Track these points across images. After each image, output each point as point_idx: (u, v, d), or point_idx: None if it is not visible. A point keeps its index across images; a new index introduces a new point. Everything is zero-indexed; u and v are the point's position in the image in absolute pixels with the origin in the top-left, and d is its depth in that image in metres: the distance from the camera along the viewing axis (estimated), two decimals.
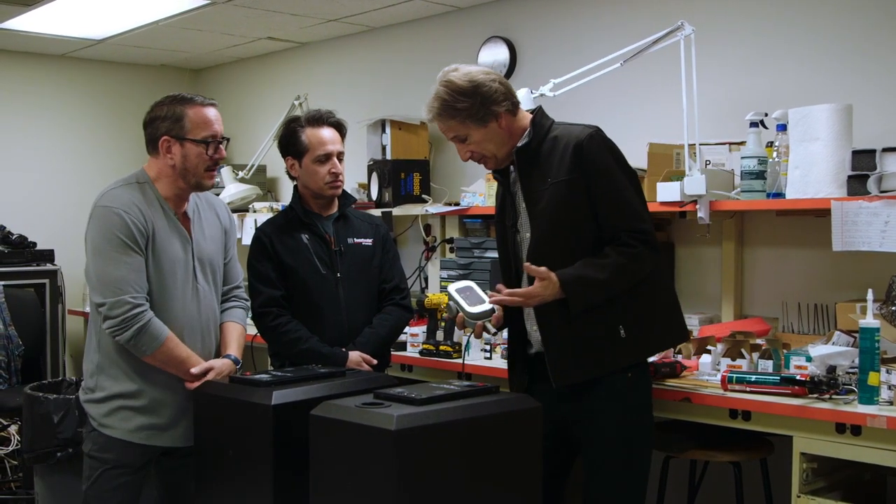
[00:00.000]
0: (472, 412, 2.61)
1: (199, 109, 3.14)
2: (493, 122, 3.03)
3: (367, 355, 3.59)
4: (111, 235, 3.02)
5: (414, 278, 5.07)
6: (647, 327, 3.04)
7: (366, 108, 5.72)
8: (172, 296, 3.12)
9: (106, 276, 3.01)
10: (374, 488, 2.45)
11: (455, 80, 3.03)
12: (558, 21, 4.92)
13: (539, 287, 2.94)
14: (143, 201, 3.10)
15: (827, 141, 3.40)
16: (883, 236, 3.23)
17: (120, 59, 6.94)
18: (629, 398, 3.04)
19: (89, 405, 3.15)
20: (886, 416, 2.82)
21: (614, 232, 2.97)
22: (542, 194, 3.02)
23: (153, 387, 3.11)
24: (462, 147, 3.10)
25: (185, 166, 3.12)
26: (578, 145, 2.97)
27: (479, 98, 3.00)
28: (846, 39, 3.86)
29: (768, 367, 3.27)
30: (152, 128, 3.15)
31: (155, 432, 3.13)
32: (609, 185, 2.98)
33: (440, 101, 3.04)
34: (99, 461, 3.12)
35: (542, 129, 3.09)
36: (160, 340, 3.04)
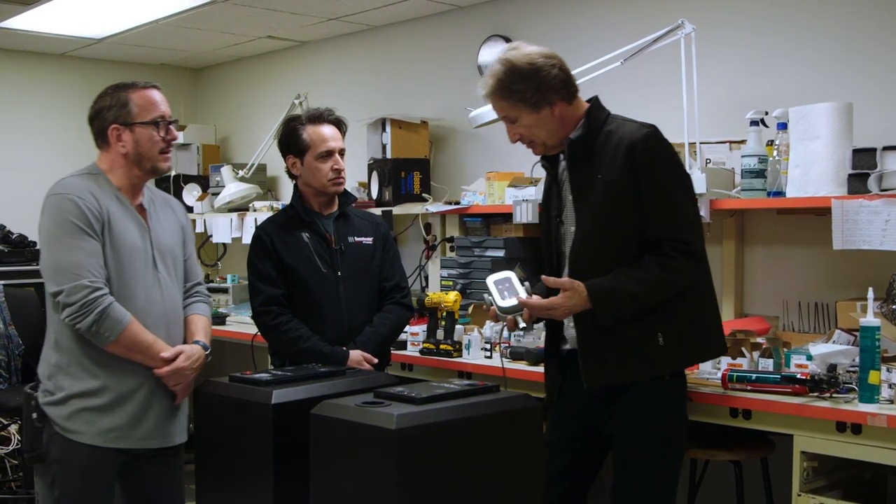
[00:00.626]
0: (473, 411, 2.61)
1: (143, 92, 3.08)
2: (546, 109, 2.96)
3: (368, 354, 3.59)
4: (64, 221, 2.93)
5: (414, 277, 5.07)
6: (687, 337, 2.98)
7: (366, 106, 5.71)
8: (133, 284, 3.03)
9: (61, 263, 2.92)
10: (375, 487, 2.44)
11: (514, 61, 2.95)
12: (558, 20, 4.91)
13: (562, 298, 2.88)
14: (97, 189, 3.02)
15: (827, 139, 3.39)
16: (883, 235, 3.23)
17: (120, 58, 6.93)
18: (664, 403, 2.99)
19: (50, 408, 3.02)
20: (887, 415, 2.81)
21: (658, 240, 2.90)
22: (591, 190, 2.95)
23: (116, 381, 3.00)
24: (511, 128, 3.04)
25: (138, 151, 3.05)
26: (632, 145, 2.90)
27: (536, 82, 2.93)
28: (846, 38, 3.86)
29: (769, 366, 3.27)
30: (99, 119, 3.08)
31: (122, 433, 3.01)
32: (659, 189, 2.90)
33: (496, 79, 2.97)
34: (69, 468, 2.99)
35: (596, 122, 3.01)
36: (123, 324, 2.93)
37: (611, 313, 2.88)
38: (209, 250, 6.70)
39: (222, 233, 6.09)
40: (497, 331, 4.16)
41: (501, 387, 2.92)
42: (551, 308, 2.91)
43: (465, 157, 5.39)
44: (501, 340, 3.82)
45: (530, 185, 4.38)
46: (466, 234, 4.85)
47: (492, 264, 4.51)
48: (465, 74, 5.30)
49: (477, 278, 4.57)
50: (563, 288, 2.88)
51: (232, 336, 5.25)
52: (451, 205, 4.86)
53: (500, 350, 3.89)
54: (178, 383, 3.10)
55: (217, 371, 3.24)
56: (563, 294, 2.89)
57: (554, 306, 2.91)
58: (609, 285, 2.88)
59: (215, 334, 5.29)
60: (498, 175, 4.65)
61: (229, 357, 5.94)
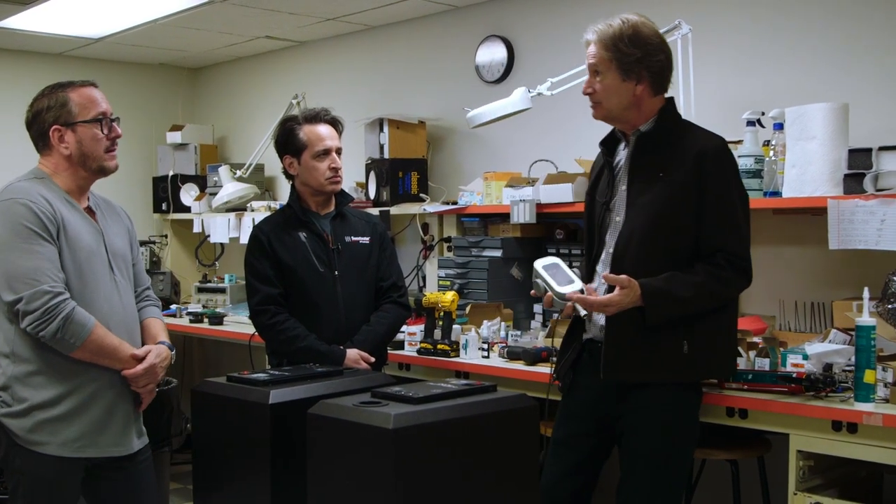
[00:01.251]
0: (470, 411, 2.61)
1: (82, 90, 2.97)
2: (632, 82, 2.97)
3: (365, 353, 3.60)
4: (18, 227, 2.79)
5: (412, 277, 5.08)
6: (710, 350, 3.01)
7: (364, 106, 5.72)
8: (93, 287, 2.91)
9: (17, 270, 2.77)
10: (372, 487, 2.45)
11: (637, 26, 2.96)
12: (556, 20, 4.92)
13: (619, 295, 2.89)
14: (48, 193, 2.89)
15: (823, 140, 3.40)
16: (879, 234, 3.24)
17: (118, 57, 6.93)
18: (678, 406, 3.02)
19: (9, 420, 2.84)
20: (882, 414, 2.83)
21: (711, 249, 2.93)
22: (650, 186, 2.97)
23: (78, 388, 2.88)
24: (591, 80, 3.03)
25: (82, 152, 2.94)
26: (704, 151, 2.93)
27: (641, 54, 2.94)
28: (842, 38, 3.87)
29: (765, 366, 3.28)
30: (38, 122, 2.96)
31: (86, 442, 2.89)
32: (722, 200, 2.93)
33: (611, 30, 2.96)
34: (34, 481, 2.85)
35: (668, 121, 3.04)
36: (88, 328, 2.80)
37: (660, 314, 2.91)
38: (207, 250, 6.71)
39: (220, 233, 6.10)
40: (494, 330, 4.17)
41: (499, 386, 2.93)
42: (608, 305, 2.92)
43: (462, 158, 5.40)
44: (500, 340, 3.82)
45: (527, 185, 4.39)
46: (464, 234, 4.86)
47: (489, 265, 4.52)
48: (463, 75, 5.32)
49: (474, 278, 4.58)
50: (620, 285, 2.89)
51: (230, 336, 5.26)
52: (448, 205, 4.87)
53: (498, 350, 3.91)
54: (147, 383, 3.00)
55: (215, 371, 3.24)
56: (619, 291, 2.90)
57: (611, 303, 2.92)
58: (663, 287, 2.90)
59: (214, 334, 5.37)
60: (495, 175, 4.66)
61: (227, 357, 5.96)
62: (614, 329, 2.98)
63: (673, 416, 3.01)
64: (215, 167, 6.40)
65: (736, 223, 2.96)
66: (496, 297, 4.52)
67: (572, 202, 4.17)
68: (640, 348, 2.97)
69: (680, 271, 2.93)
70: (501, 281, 4.57)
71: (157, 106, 7.16)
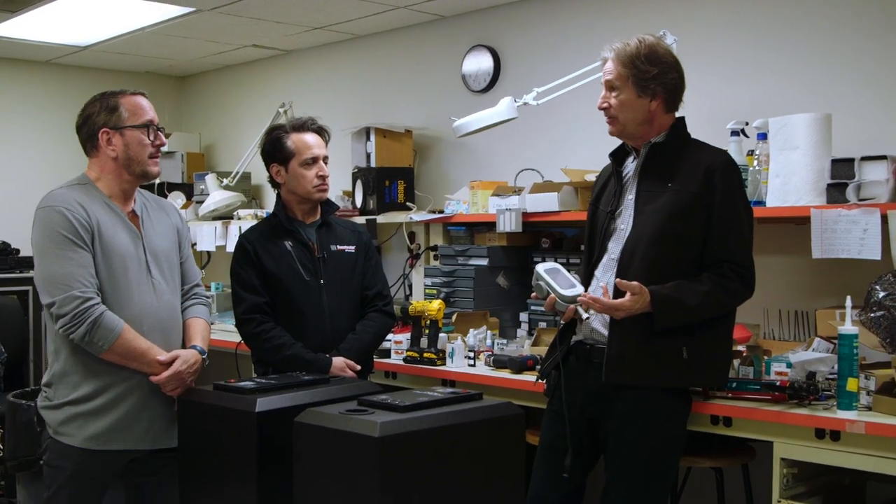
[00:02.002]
0: (456, 419, 2.63)
1: (132, 98, 3.13)
2: (647, 98, 3.05)
3: (351, 361, 3.61)
4: (53, 234, 2.97)
5: (398, 286, 5.09)
6: (708, 358, 3.05)
7: (350, 115, 5.73)
8: (127, 290, 3.06)
9: (52, 275, 2.96)
10: (358, 495, 2.46)
11: (654, 45, 3.06)
12: (542, 30, 4.94)
13: (629, 301, 2.94)
14: (86, 199, 3.05)
15: (806, 150, 3.43)
16: (862, 244, 3.26)
17: (105, 66, 6.93)
18: (665, 412, 3.04)
19: (46, 412, 3.08)
20: (865, 422, 2.85)
21: (718, 260, 2.99)
22: (658, 195, 3.03)
23: (110, 386, 3.04)
24: (607, 94, 3.10)
25: (127, 155, 3.09)
26: (713, 165, 3.01)
27: (657, 71, 3.03)
28: (826, 49, 3.90)
29: (749, 374, 3.29)
30: (88, 125, 3.12)
31: (112, 436, 3.04)
32: (729, 212, 2.99)
33: (629, 48, 3.05)
34: (58, 470, 3.05)
35: (679, 136, 3.12)
36: (116, 332, 2.96)
37: (668, 321, 2.95)
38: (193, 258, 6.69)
39: (206, 241, 6.09)
40: (480, 339, 4.18)
41: (485, 395, 2.94)
42: (618, 309, 2.96)
43: (448, 167, 5.41)
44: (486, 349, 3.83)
45: (513, 193, 4.41)
46: (450, 243, 4.87)
47: (475, 273, 4.53)
48: (450, 84, 5.33)
49: (460, 287, 4.59)
50: (632, 291, 2.94)
51: (216, 344, 5.19)
52: (435, 213, 4.89)
53: (484, 358, 3.92)
54: (175, 388, 3.11)
55: (201, 379, 3.24)
56: (630, 297, 2.94)
57: (622, 307, 2.96)
58: (672, 295, 2.95)
59: None
60: (481, 184, 4.67)
61: (213, 365, 5.94)
62: (618, 332, 3.01)
63: (660, 422, 3.03)
64: (202, 175, 6.39)
65: (741, 236, 3.02)
66: (482, 305, 4.53)
67: (558, 211, 4.19)
68: (642, 352, 3.00)
69: (687, 280, 2.98)
70: (487, 289, 4.58)
71: None
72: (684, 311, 2.95)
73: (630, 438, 3.03)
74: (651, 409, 3.01)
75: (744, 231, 3.03)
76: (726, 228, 2.99)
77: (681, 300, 2.94)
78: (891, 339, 3.13)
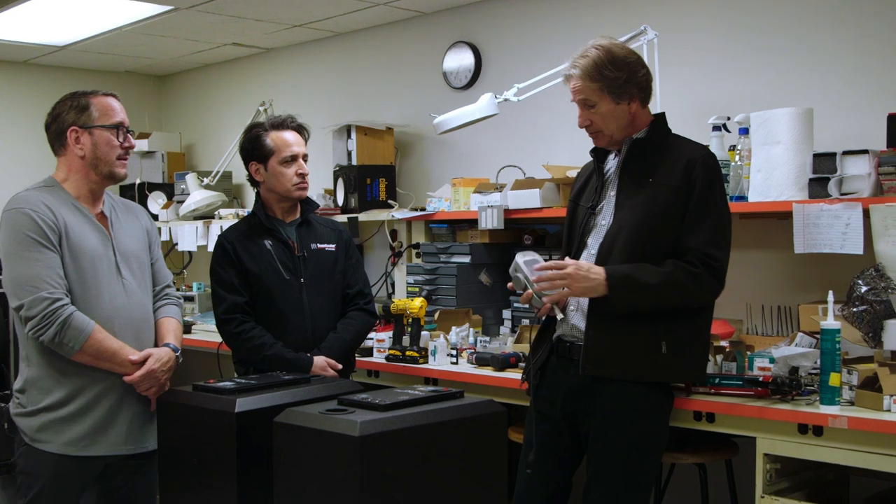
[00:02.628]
0: (436, 417, 2.60)
1: (103, 99, 3.11)
2: (625, 103, 3.04)
3: (332, 360, 3.58)
4: (20, 236, 2.94)
5: (380, 284, 5.06)
6: (686, 353, 3.03)
7: (331, 113, 5.71)
8: (97, 291, 3.03)
9: (20, 277, 2.93)
10: (339, 494, 2.43)
11: (612, 49, 3.03)
12: (523, 26, 4.93)
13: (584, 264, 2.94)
14: (53, 201, 3.02)
15: (788, 144, 3.43)
16: (844, 238, 3.26)
17: (83, 65, 6.88)
18: (647, 408, 3.02)
19: (20, 419, 3.04)
20: (847, 417, 2.84)
21: (685, 248, 2.97)
22: (639, 190, 3.02)
23: (83, 390, 3.01)
24: (585, 113, 3.08)
25: (95, 155, 3.07)
26: (694, 159, 3.00)
27: (627, 74, 3.01)
28: (807, 44, 3.89)
29: (732, 369, 3.29)
30: (57, 123, 3.09)
31: (88, 442, 3.02)
32: (704, 205, 2.98)
33: (591, 61, 3.01)
34: (34, 478, 3.01)
35: (660, 131, 3.12)
36: (86, 332, 2.93)
37: (624, 299, 2.93)
38: (175, 258, 6.66)
39: (188, 241, 6.05)
40: (463, 336, 4.16)
41: (466, 392, 2.92)
42: (564, 267, 2.95)
43: (430, 164, 5.39)
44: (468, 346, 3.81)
45: (495, 190, 4.39)
46: (432, 241, 4.85)
47: (457, 271, 4.51)
48: (431, 81, 5.31)
49: (443, 284, 4.57)
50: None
51: (198, 345, 5.21)
52: (416, 211, 4.86)
53: (467, 356, 3.91)
54: (149, 388, 3.09)
55: (184, 380, 3.22)
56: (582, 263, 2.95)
57: (567, 265, 2.95)
58: (627, 273, 2.93)
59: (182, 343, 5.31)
60: (463, 181, 4.65)
61: (196, 366, 5.91)
62: (595, 324, 3.00)
63: (641, 418, 3.01)
64: (183, 175, 6.35)
65: (715, 228, 2.99)
66: (465, 303, 4.51)
67: (540, 208, 4.17)
68: (619, 346, 2.99)
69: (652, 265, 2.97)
70: (470, 287, 4.57)
71: None
72: (642, 291, 2.92)
73: (611, 435, 3.02)
74: (632, 406, 3.00)
75: (716, 224, 2.99)
76: (698, 219, 2.97)
77: (638, 279, 2.92)
78: (873, 333, 3.13)
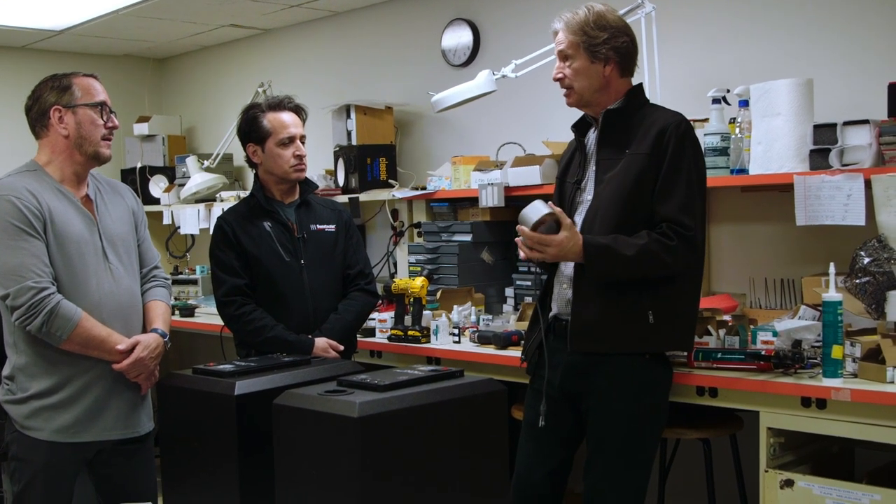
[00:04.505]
0: (436, 397, 2.60)
1: (84, 79, 3.09)
2: (600, 64, 3.05)
3: (334, 341, 3.57)
4: (4, 224, 2.90)
5: (382, 264, 5.05)
6: (674, 322, 3.03)
7: (330, 93, 5.68)
8: (84, 278, 3.00)
9: (4, 266, 2.89)
10: (339, 475, 2.43)
11: (601, 11, 3.08)
12: (520, 3, 4.89)
13: (562, 237, 2.92)
14: (37, 186, 2.98)
15: (788, 116, 3.39)
16: (846, 209, 3.23)
17: (81, 49, 6.85)
18: (645, 381, 3.02)
19: (10, 406, 3.03)
20: (850, 389, 2.83)
21: (659, 219, 2.96)
22: (616, 162, 3.03)
23: (73, 377, 3.00)
24: (561, 66, 3.12)
25: (80, 133, 3.04)
26: (665, 127, 2.98)
27: (606, 36, 3.03)
28: (807, 14, 3.85)
29: (735, 344, 3.27)
30: (39, 104, 3.06)
31: (80, 428, 3.01)
32: (673, 173, 2.96)
33: (576, 17, 3.07)
34: (27, 464, 3.01)
35: (635, 102, 3.11)
36: (74, 321, 2.91)
37: (600, 268, 2.93)
38: (177, 242, 6.65)
39: (190, 224, 6.04)
40: (465, 315, 4.15)
41: (467, 371, 2.91)
42: (548, 244, 2.93)
43: (430, 142, 5.37)
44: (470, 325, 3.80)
45: (495, 168, 4.37)
46: (433, 220, 4.83)
47: (459, 249, 4.49)
48: (429, 59, 5.28)
49: (444, 263, 4.55)
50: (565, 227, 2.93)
51: (201, 328, 5.22)
52: (417, 190, 4.84)
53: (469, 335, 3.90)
54: (138, 374, 3.08)
55: (188, 363, 3.22)
56: (561, 234, 2.92)
57: (551, 243, 2.93)
58: (603, 242, 2.93)
59: (185, 326, 5.32)
60: (463, 159, 4.63)
61: (199, 348, 5.92)
62: (580, 300, 3.01)
63: (640, 394, 3.00)
64: (183, 158, 6.33)
65: (684, 194, 2.97)
66: (467, 281, 4.50)
67: (540, 184, 4.15)
68: (606, 318, 2.98)
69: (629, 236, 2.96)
70: (472, 265, 4.55)
71: (124, 97, 7.04)
72: (618, 259, 2.91)
73: (610, 412, 3.01)
74: (629, 381, 2.99)
75: (686, 190, 2.97)
76: (668, 187, 2.96)
77: (613, 249, 2.91)
78: (876, 305, 3.11)
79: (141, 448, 3.19)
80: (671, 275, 2.97)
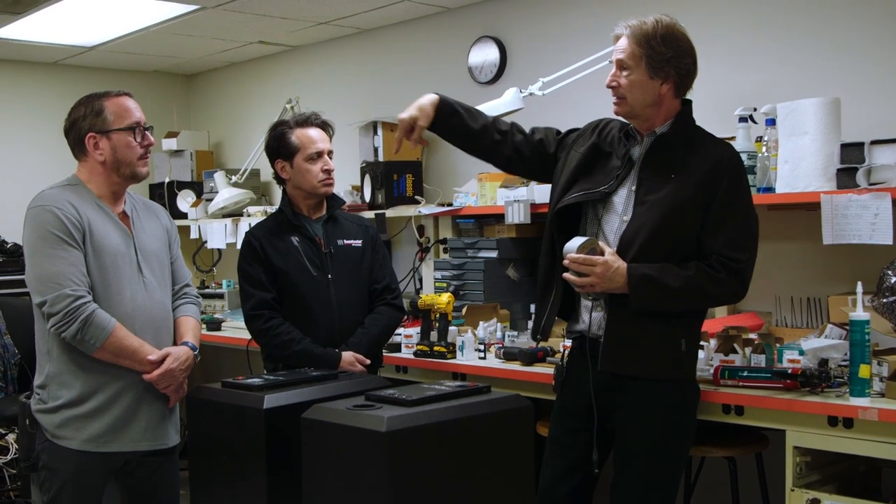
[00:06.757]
0: (463, 412, 2.61)
1: (117, 100, 3.12)
2: (659, 80, 2.95)
3: (360, 355, 3.60)
4: (45, 233, 2.97)
5: (408, 279, 5.07)
6: (696, 349, 3.04)
7: (357, 110, 5.72)
8: (118, 290, 3.05)
9: (43, 274, 2.96)
10: (366, 490, 2.45)
11: (671, 27, 2.96)
12: (548, 20, 4.92)
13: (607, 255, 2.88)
14: (77, 199, 3.05)
15: (815, 135, 3.40)
16: (873, 229, 3.23)
17: (112, 65, 6.93)
18: (674, 402, 3.00)
19: (41, 415, 3.06)
20: (878, 409, 2.82)
21: (709, 251, 2.92)
22: (661, 186, 2.95)
23: (104, 387, 3.03)
24: (617, 73, 3.01)
25: (116, 158, 3.08)
26: (721, 158, 2.94)
27: (671, 54, 2.93)
28: (834, 33, 3.86)
29: (761, 362, 3.27)
30: (75, 130, 3.12)
31: (109, 438, 3.04)
32: (729, 207, 2.92)
33: (645, 27, 2.94)
34: (57, 473, 3.03)
35: (684, 125, 3.04)
36: (108, 330, 2.96)
37: (643, 299, 2.89)
38: (204, 256, 6.70)
39: (217, 238, 6.10)
40: (491, 331, 4.16)
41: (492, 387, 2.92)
42: (591, 263, 2.88)
43: (456, 159, 5.38)
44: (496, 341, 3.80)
45: (522, 185, 4.39)
46: (459, 236, 4.85)
47: (484, 266, 4.51)
48: (456, 76, 5.31)
49: (470, 279, 4.57)
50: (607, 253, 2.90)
51: (227, 342, 5.25)
52: (443, 206, 4.87)
53: (495, 350, 3.91)
54: (167, 385, 3.12)
55: (213, 377, 3.25)
56: (607, 254, 2.89)
57: (593, 261, 2.87)
58: (649, 273, 2.89)
59: (212, 340, 5.36)
60: (489, 176, 4.65)
61: (225, 362, 5.95)
62: (615, 322, 2.98)
63: (668, 413, 2.99)
64: (211, 173, 6.39)
65: (739, 229, 2.94)
66: (492, 297, 4.51)
67: None
68: (640, 343, 2.96)
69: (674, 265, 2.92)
70: (497, 282, 4.56)
71: (153, 113, 7.02)
72: (664, 292, 2.88)
73: (638, 431, 3.00)
74: (658, 403, 2.97)
75: (741, 226, 2.94)
76: (723, 221, 2.91)
77: (660, 280, 2.87)
78: None
79: (166, 461, 3.22)
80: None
